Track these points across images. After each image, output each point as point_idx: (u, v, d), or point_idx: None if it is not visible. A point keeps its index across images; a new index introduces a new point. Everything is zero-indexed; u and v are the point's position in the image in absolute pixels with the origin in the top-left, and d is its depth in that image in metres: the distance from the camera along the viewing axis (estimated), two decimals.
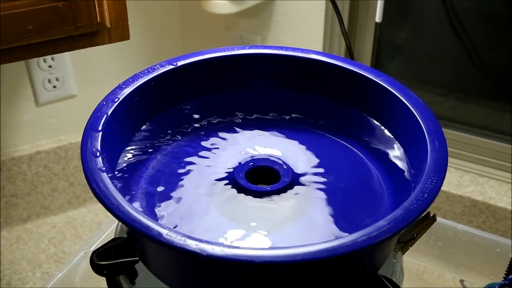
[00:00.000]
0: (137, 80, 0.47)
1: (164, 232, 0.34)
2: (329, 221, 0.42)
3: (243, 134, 0.50)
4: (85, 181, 0.38)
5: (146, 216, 0.36)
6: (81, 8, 0.68)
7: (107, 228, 0.58)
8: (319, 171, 0.47)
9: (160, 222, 0.37)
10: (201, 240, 0.34)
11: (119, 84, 0.46)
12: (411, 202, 0.37)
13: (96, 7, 0.69)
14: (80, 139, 0.42)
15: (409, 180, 0.43)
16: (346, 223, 0.42)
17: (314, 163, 0.47)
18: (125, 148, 0.46)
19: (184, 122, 0.50)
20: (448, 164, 0.41)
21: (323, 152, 0.49)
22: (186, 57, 0.49)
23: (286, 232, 0.42)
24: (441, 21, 1.20)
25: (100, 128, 0.42)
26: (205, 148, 0.48)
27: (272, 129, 0.51)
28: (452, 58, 1.26)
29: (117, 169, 0.44)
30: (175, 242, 0.34)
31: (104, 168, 0.39)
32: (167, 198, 0.44)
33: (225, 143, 0.49)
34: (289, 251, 0.34)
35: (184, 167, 0.47)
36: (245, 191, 0.44)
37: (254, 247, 0.39)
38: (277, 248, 0.35)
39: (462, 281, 0.60)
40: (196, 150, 0.48)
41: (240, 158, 0.47)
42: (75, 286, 0.55)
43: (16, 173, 1.15)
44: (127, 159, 0.46)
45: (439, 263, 0.60)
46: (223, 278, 0.38)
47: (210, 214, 0.43)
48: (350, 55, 1.03)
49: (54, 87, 1.14)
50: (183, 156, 0.48)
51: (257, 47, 0.51)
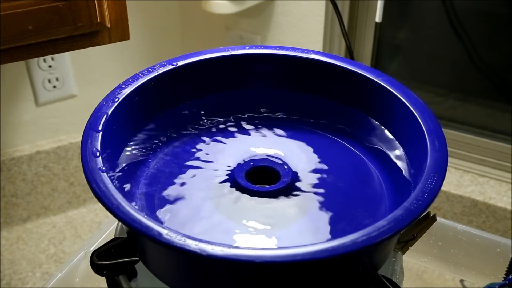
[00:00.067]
0: (137, 80, 0.47)
1: (164, 232, 0.34)
2: (329, 221, 0.42)
3: (243, 134, 0.50)
4: (85, 181, 0.38)
5: (146, 216, 0.36)
6: (81, 8, 0.68)
7: (107, 228, 0.58)
8: (319, 171, 0.47)
9: (159, 222, 0.37)
10: (201, 240, 0.34)
11: (119, 84, 0.46)
12: (411, 202, 0.37)
13: (96, 7, 0.69)
14: (80, 139, 0.42)
15: (409, 180, 0.43)
16: (346, 223, 0.42)
17: (314, 163, 0.47)
18: (125, 148, 0.46)
19: (184, 122, 0.50)
20: (448, 164, 0.41)
21: (323, 152, 0.49)
22: (186, 57, 0.49)
23: (286, 232, 0.42)
24: (441, 21, 1.20)
25: (100, 128, 0.42)
26: (205, 148, 0.48)
27: (272, 129, 0.51)
28: (452, 58, 1.26)
29: (117, 169, 0.44)
30: (175, 242, 0.34)
31: (104, 168, 0.39)
32: (167, 198, 0.44)
33: (225, 143, 0.49)
34: (289, 251, 0.34)
35: (184, 167, 0.47)
36: (245, 191, 0.44)
37: (254, 247, 0.39)
38: (277, 248, 0.35)
39: (462, 281, 0.60)
40: (196, 150, 0.48)
41: (240, 158, 0.47)
42: (75, 286, 0.55)
43: (16, 173, 1.15)
44: (127, 159, 0.46)
45: (439, 263, 0.60)
46: (223, 278, 0.38)
47: (210, 214, 0.43)
48: (350, 55, 1.03)
49: (54, 87, 1.14)
50: (183, 156, 0.48)
51: (257, 47, 0.51)
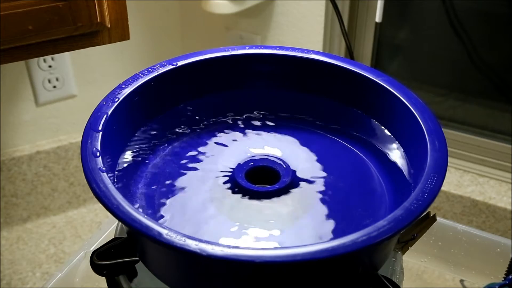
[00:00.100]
0: (137, 80, 0.47)
1: (164, 232, 0.34)
2: (329, 221, 0.42)
3: (243, 134, 0.50)
4: (85, 181, 0.38)
5: (146, 216, 0.36)
6: (81, 8, 0.68)
7: (107, 228, 0.58)
8: (319, 171, 0.47)
9: (160, 222, 0.37)
10: (201, 240, 0.34)
11: (119, 84, 0.46)
12: (411, 202, 0.37)
13: (96, 7, 0.69)
14: (80, 139, 0.42)
15: (409, 180, 0.43)
16: (346, 223, 0.42)
17: (314, 163, 0.47)
18: (125, 148, 0.46)
19: (184, 122, 0.50)
20: (448, 164, 0.41)
21: (323, 152, 0.49)
22: (186, 57, 0.49)
23: (286, 232, 0.42)
24: (441, 21, 1.20)
25: (100, 128, 0.42)
26: (205, 148, 0.48)
27: (272, 129, 0.51)
28: (452, 58, 1.26)
29: (117, 169, 0.44)
30: (175, 242, 0.34)
31: (104, 168, 0.39)
32: (167, 198, 0.44)
33: (225, 143, 0.49)
34: (289, 251, 0.34)
35: (184, 167, 0.47)
36: (245, 191, 0.44)
37: (254, 247, 0.39)
38: (277, 248, 0.35)
39: (462, 281, 0.60)
40: (196, 150, 0.48)
41: (240, 158, 0.47)
42: (75, 286, 0.55)
43: (16, 173, 1.15)
44: (127, 159, 0.46)
45: (439, 263, 0.60)
46: (223, 278, 0.38)
47: (210, 214, 0.43)
48: (350, 55, 1.03)
49: (54, 87, 1.14)
50: (183, 156, 0.48)
51: (257, 47, 0.51)
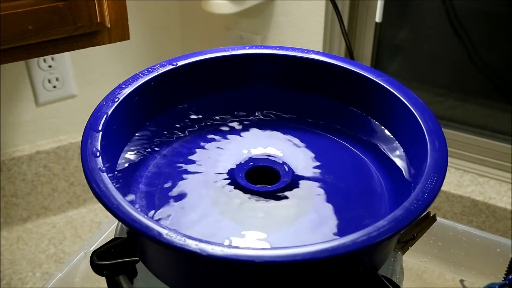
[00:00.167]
0: (137, 80, 0.47)
1: (164, 232, 0.34)
2: (329, 221, 0.42)
3: (243, 134, 0.50)
4: (85, 181, 0.38)
5: (146, 216, 0.36)
6: (81, 8, 0.68)
7: (107, 228, 0.58)
8: (319, 171, 0.47)
9: (160, 222, 0.37)
10: (201, 240, 0.34)
11: (119, 84, 0.46)
12: (411, 202, 0.37)
13: (96, 7, 0.69)
14: (80, 139, 0.42)
15: (409, 180, 0.43)
16: (346, 223, 0.42)
17: (314, 163, 0.47)
18: (125, 148, 0.46)
19: (184, 122, 0.50)
20: (448, 164, 0.41)
21: (323, 152, 0.49)
22: (186, 57, 0.49)
23: (286, 232, 0.42)
24: (441, 21, 1.20)
25: (100, 128, 0.42)
26: (204, 148, 0.48)
27: (272, 129, 0.51)
28: (452, 58, 1.26)
29: (117, 169, 0.44)
30: (175, 242, 0.34)
31: (104, 168, 0.39)
32: (167, 198, 0.44)
33: (225, 143, 0.49)
34: (289, 251, 0.34)
35: (184, 167, 0.47)
36: (245, 191, 0.44)
37: (254, 247, 0.39)
38: (277, 248, 0.35)
39: (462, 281, 0.60)
40: (196, 150, 0.48)
41: (240, 158, 0.47)
42: (75, 286, 0.55)
43: (16, 173, 1.15)
44: (127, 159, 0.46)
45: (439, 263, 0.60)
46: (223, 278, 0.38)
47: (210, 213, 0.43)
48: (350, 55, 1.03)
49: (54, 87, 1.14)
50: (183, 156, 0.48)
51: (257, 47, 0.51)
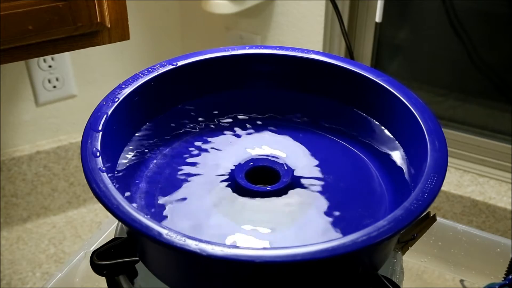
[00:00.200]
0: (137, 80, 0.47)
1: (164, 232, 0.34)
2: (329, 221, 0.42)
3: (243, 134, 0.50)
4: (85, 181, 0.38)
5: (146, 216, 0.36)
6: (81, 8, 0.68)
7: (107, 228, 0.58)
8: (319, 171, 0.47)
9: (159, 222, 0.37)
10: (201, 240, 0.34)
11: (119, 84, 0.46)
12: (411, 202, 0.37)
13: (96, 7, 0.69)
14: (80, 139, 0.42)
15: (409, 180, 0.43)
16: (346, 223, 0.42)
17: (314, 163, 0.47)
18: (125, 148, 0.46)
19: (184, 122, 0.50)
20: (448, 164, 0.41)
21: (323, 152, 0.49)
22: (186, 57, 0.49)
23: (286, 232, 0.42)
24: (441, 21, 1.20)
25: (100, 128, 0.42)
26: (204, 148, 0.48)
27: (272, 129, 0.51)
28: (452, 58, 1.26)
29: (117, 169, 0.44)
30: (175, 242, 0.34)
31: (104, 168, 0.39)
32: (166, 198, 0.44)
33: (225, 143, 0.49)
34: (289, 251, 0.34)
35: (184, 167, 0.47)
36: (245, 191, 0.44)
37: (254, 247, 0.39)
38: (277, 248, 0.35)
39: (462, 281, 0.60)
40: (195, 150, 0.48)
41: (240, 158, 0.47)
42: (75, 286, 0.55)
43: (16, 173, 1.15)
44: (127, 159, 0.46)
45: (439, 263, 0.60)
46: (223, 278, 0.38)
47: (210, 214, 0.43)
48: (350, 55, 1.03)
49: (54, 87, 1.14)
50: (183, 156, 0.48)
51: (257, 47, 0.51)
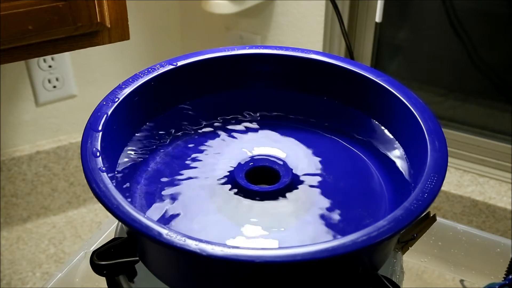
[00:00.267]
0: (137, 80, 0.47)
1: (164, 232, 0.34)
2: (329, 221, 0.42)
3: (243, 134, 0.50)
4: (85, 181, 0.38)
5: (146, 216, 0.36)
6: (81, 8, 0.68)
7: (107, 228, 0.58)
8: (319, 171, 0.47)
9: (160, 222, 0.37)
10: (201, 240, 0.34)
11: (119, 84, 0.46)
12: (411, 202, 0.37)
13: (96, 7, 0.69)
14: (80, 139, 0.42)
15: (409, 180, 0.43)
16: (346, 223, 0.42)
17: (314, 163, 0.47)
18: (125, 148, 0.46)
19: (184, 122, 0.50)
20: (448, 164, 0.41)
21: (323, 152, 0.49)
22: (186, 57, 0.49)
23: (286, 232, 0.42)
24: (441, 21, 1.20)
25: (100, 128, 0.42)
26: (205, 148, 0.48)
27: (272, 129, 0.51)
28: (452, 58, 1.26)
29: (117, 169, 0.44)
30: (175, 242, 0.34)
31: (104, 168, 0.39)
32: (167, 198, 0.44)
33: (225, 143, 0.49)
34: (289, 251, 0.34)
35: (184, 167, 0.47)
36: (245, 191, 0.44)
37: (254, 247, 0.39)
38: (277, 248, 0.35)
39: (462, 281, 0.60)
40: (196, 150, 0.48)
41: (240, 158, 0.47)
42: (75, 286, 0.55)
43: (16, 173, 1.15)
44: (127, 159, 0.46)
45: (439, 263, 0.60)
46: (223, 278, 0.38)
47: (210, 214, 0.43)
48: (350, 55, 1.03)
49: (54, 87, 1.14)
50: (183, 156, 0.48)
51: (257, 47, 0.51)
